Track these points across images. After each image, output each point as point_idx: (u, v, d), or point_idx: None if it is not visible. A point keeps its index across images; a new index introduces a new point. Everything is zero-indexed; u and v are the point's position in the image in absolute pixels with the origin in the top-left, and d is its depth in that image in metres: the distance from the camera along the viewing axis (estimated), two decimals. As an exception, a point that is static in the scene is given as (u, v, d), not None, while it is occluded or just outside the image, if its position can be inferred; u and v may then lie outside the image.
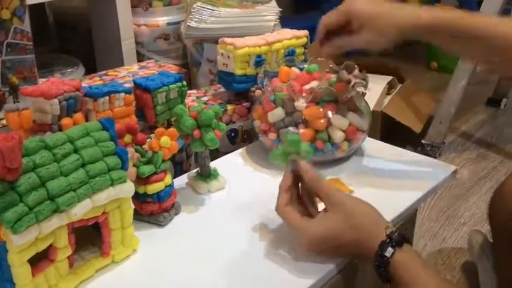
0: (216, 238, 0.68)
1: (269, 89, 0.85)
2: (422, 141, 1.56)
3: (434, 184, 0.80)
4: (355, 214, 0.60)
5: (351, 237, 0.60)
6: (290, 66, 0.91)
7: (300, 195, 0.66)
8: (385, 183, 0.80)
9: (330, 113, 0.81)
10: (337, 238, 0.60)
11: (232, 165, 0.87)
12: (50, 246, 0.54)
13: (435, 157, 1.52)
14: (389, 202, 0.75)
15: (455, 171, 0.84)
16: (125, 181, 0.59)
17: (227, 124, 0.96)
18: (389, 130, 1.49)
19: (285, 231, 0.69)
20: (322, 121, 0.81)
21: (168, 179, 0.70)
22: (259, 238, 0.68)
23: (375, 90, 1.54)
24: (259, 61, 0.94)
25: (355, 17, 0.75)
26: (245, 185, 0.81)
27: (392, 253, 0.57)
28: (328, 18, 0.79)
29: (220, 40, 0.96)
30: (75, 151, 0.56)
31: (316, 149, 0.81)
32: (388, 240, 0.57)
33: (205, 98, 1.02)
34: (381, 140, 0.96)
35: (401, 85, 1.67)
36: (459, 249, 1.15)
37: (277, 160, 0.66)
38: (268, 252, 0.65)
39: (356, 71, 0.89)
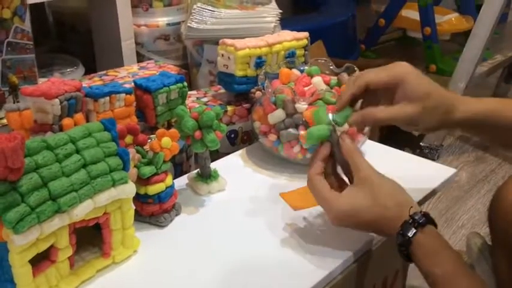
0: (216, 239, 0.68)
1: (269, 90, 0.85)
2: (421, 143, 1.56)
3: (433, 187, 0.80)
4: (381, 192, 0.61)
5: (375, 215, 0.61)
6: (290, 68, 0.91)
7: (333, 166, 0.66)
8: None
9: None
10: (361, 215, 0.61)
11: (232, 166, 0.87)
12: (51, 246, 0.55)
13: (433, 159, 1.52)
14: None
15: (454, 175, 0.85)
16: (126, 182, 0.60)
17: (227, 125, 0.96)
18: (388, 132, 1.49)
19: (287, 232, 0.69)
20: (322, 123, 0.81)
21: (168, 180, 0.70)
22: (259, 239, 0.68)
23: (374, 92, 1.54)
24: (259, 62, 0.94)
25: (405, 83, 0.63)
26: (245, 186, 0.81)
27: (414, 233, 0.57)
28: (373, 74, 0.65)
29: (220, 41, 0.96)
30: (77, 151, 0.56)
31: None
32: (411, 220, 0.58)
33: (205, 99, 1.02)
34: (380, 142, 0.96)
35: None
36: (457, 251, 1.15)
37: (313, 139, 0.66)
38: (269, 253, 0.66)
39: (356, 73, 0.89)
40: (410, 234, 0.58)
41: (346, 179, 0.67)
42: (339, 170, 0.67)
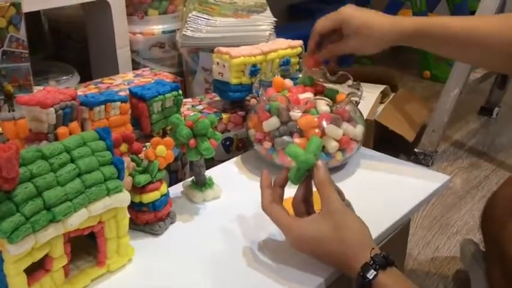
0: (211, 247, 0.69)
1: (264, 98, 0.85)
2: (415, 149, 1.57)
3: (427, 194, 0.81)
4: (346, 228, 0.60)
5: (336, 249, 0.60)
6: (285, 76, 0.92)
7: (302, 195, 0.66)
8: (379, 192, 0.81)
9: (324, 123, 0.82)
10: (323, 245, 0.61)
11: (227, 174, 0.87)
12: (46, 255, 0.55)
13: (428, 166, 1.53)
14: (382, 211, 0.76)
15: (448, 181, 0.85)
16: (121, 191, 0.60)
17: (222, 133, 0.97)
18: (383, 138, 1.50)
19: (281, 240, 0.69)
20: (316, 131, 0.81)
21: (163, 188, 0.70)
22: (254, 247, 0.68)
23: (368, 99, 1.55)
24: (254, 70, 0.95)
25: (344, 22, 0.82)
26: (240, 193, 0.81)
27: (375, 275, 0.56)
28: (321, 23, 0.85)
29: (215, 49, 0.97)
30: (72, 161, 0.56)
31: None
32: (372, 262, 0.57)
33: (200, 107, 1.02)
34: (374, 148, 0.97)
35: (394, 94, 1.69)
36: (452, 258, 1.15)
37: (298, 157, 0.65)
38: (264, 261, 0.66)
39: (350, 81, 0.90)
40: (370, 276, 0.56)
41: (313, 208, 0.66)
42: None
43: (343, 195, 0.65)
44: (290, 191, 0.80)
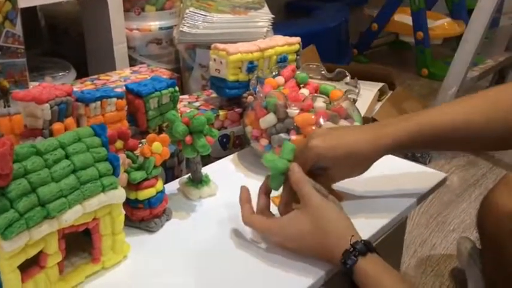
0: (207, 244, 0.68)
1: (261, 95, 0.85)
2: (413, 147, 1.57)
3: (424, 191, 0.81)
4: (325, 219, 0.61)
5: (317, 241, 0.61)
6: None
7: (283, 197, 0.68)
8: (376, 190, 0.81)
9: (321, 120, 0.82)
10: (305, 240, 0.62)
11: (223, 171, 0.87)
12: (40, 252, 0.54)
13: (425, 164, 1.53)
14: (379, 209, 0.75)
15: (445, 179, 0.85)
16: (116, 187, 0.59)
17: (219, 129, 0.96)
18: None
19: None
20: (313, 128, 0.81)
21: (159, 185, 0.70)
22: (251, 244, 0.68)
23: (366, 96, 1.55)
24: (251, 67, 0.95)
25: (321, 159, 0.68)
26: (236, 191, 0.80)
27: (355, 262, 0.57)
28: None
29: (212, 46, 0.96)
30: (67, 157, 0.56)
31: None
32: (352, 249, 0.58)
33: (197, 104, 1.02)
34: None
35: (392, 92, 1.69)
36: (448, 255, 1.16)
37: (271, 164, 0.68)
38: (260, 258, 0.66)
39: (347, 78, 0.89)
40: (350, 262, 0.58)
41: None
42: None
43: (325, 192, 0.66)
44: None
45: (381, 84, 1.65)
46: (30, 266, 0.54)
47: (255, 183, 0.83)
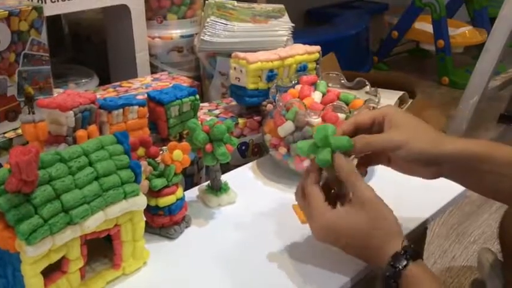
0: (226, 252, 0.69)
1: (281, 103, 0.85)
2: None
3: (444, 203, 0.80)
4: (382, 219, 0.60)
5: (366, 240, 0.59)
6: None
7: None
8: (395, 200, 0.80)
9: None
10: (353, 237, 0.60)
11: (242, 178, 0.88)
12: (63, 257, 0.55)
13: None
14: (399, 219, 0.75)
15: (465, 190, 0.84)
16: (137, 194, 0.60)
17: (238, 137, 0.97)
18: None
19: (297, 246, 0.69)
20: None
21: (179, 192, 0.71)
22: (270, 252, 0.68)
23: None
24: (271, 76, 0.95)
25: (388, 114, 0.65)
26: (255, 199, 0.81)
27: (405, 265, 0.56)
28: (363, 115, 0.68)
29: (233, 54, 0.97)
30: (90, 164, 0.57)
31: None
32: (403, 252, 0.57)
33: (217, 111, 1.03)
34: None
35: (412, 100, 1.68)
36: (469, 267, 1.14)
37: (306, 151, 0.65)
38: (279, 267, 0.66)
39: (367, 87, 0.89)
40: (401, 266, 0.56)
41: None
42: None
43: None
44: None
45: (401, 93, 1.64)
46: (52, 271, 0.55)
47: (273, 192, 0.83)
